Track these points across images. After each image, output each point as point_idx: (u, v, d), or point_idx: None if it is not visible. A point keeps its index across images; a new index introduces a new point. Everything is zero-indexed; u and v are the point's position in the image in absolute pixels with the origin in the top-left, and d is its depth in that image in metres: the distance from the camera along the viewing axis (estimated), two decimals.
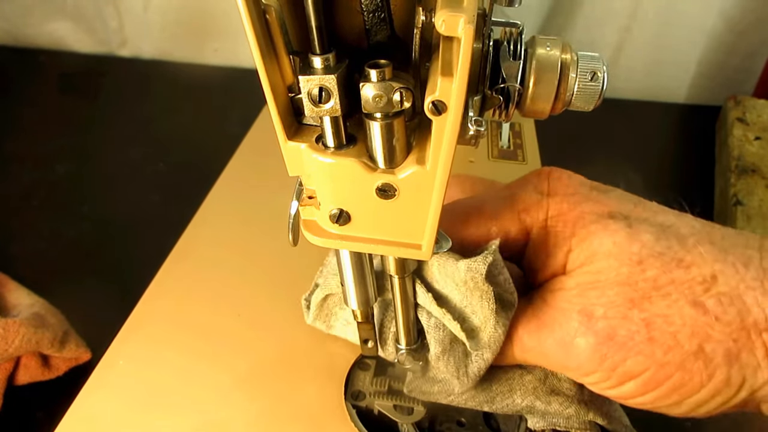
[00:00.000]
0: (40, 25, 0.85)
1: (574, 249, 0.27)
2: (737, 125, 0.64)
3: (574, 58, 0.23)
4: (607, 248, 0.26)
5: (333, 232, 0.25)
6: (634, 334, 0.24)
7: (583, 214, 0.27)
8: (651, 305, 0.24)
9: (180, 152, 0.66)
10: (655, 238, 0.25)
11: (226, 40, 0.84)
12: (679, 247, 0.25)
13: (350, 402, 0.34)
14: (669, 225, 0.26)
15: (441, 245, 0.26)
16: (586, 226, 0.27)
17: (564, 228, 0.28)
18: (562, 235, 0.27)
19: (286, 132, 0.22)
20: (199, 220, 0.47)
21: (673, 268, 0.24)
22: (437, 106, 0.19)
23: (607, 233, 0.26)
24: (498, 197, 0.30)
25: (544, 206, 0.29)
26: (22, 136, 0.70)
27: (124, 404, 0.34)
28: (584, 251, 0.26)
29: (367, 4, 0.21)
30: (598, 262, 0.26)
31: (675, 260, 0.25)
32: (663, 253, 0.25)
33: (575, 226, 0.27)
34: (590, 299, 0.25)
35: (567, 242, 0.27)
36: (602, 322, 0.25)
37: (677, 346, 0.24)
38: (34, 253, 0.53)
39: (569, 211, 0.28)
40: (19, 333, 0.37)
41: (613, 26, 0.76)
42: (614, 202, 0.28)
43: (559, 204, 0.28)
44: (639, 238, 0.25)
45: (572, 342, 0.26)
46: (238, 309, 0.40)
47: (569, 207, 0.28)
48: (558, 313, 0.27)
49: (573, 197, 0.28)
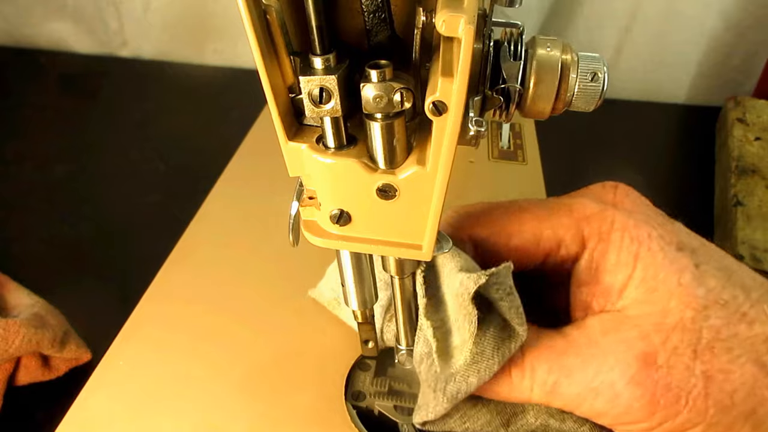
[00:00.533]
0: (40, 26, 0.85)
1: (636, 275, 0.24)
2: (737, 126, 0.64)
3: (575, 58, 0.23)
4: (672, 287, 0.24)
5: (333, 233, 0.25)
6: (692, 387, 0.22)
7: (651, 236, 0.25)
8: (713, 357, 0.23)
9: (180, 153, 0.66)
10: (722, 285, 0.23)
11: (227, 40, 0.84)
12: (744, 299, 0.23)
13: (350, 402, 0.34)
14: (733, 271, 0.24)
15: (441, 246, 0.26)
16: (653, 253, 0.24)
17: (630, 244, 0.25)
18: (626, 253, 0.25)
19: (287, 132, 0.22)
20: (199, 220, 0.47)
21: (737, 321, 0.23)
22: (438, 106, 0.19)
23: (673, 268, 0.24)
24: (554, 201, 0.28)
25: (608, 217, 0.26)
26: (22, 137, 0.70)
27: (124, 405, 0.34)
28: (648, 282, 0.24)
29: (367, 5, 0.21)
30: (662, 301, 0.24)
31: (739, 313, 0.23)
32: (728, 303, 0.23)
33: (641, 246, 0.25)
34: (653, 344, 0.23)
35: (631, 262, 0.25)
36: (663, 371, 0.23)
37: (731, 405, 0.22)
38: (34, 253, 0.53)
39: (635, 227, 0.25)
40: (20, 333, 0.37)
41: (613, 27, 0.76)
42: (682, 232, 0.26)
43: (626, 219, 0.26)
44: (705, 282, 0.23)
45: (624, 388, 0.23)
46: (238, 309, 0.40)
47: (635, 224, 0.25)
48: (610, 355, 0.24)
49: (640, 215, 0.26)
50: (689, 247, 0.25)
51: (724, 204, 0.56)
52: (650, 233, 0.25)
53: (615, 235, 0.25)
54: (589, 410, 0.25)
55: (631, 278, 0.24)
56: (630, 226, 0.25)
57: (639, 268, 0.24)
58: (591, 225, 0.26)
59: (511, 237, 0.27)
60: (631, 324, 0.24)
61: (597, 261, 0.26)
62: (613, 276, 0.25)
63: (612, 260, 0.25)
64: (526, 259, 0.28)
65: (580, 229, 0.26)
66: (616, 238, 0.25)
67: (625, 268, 0.25)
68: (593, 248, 0.26)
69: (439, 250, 0.26)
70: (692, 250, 0.25)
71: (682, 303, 0.23)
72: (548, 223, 0.27)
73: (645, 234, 0.25)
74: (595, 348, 0.24)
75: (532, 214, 0.27)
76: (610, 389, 0.23)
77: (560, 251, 0.27)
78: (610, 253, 0.25)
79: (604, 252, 0.25)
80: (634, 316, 0.24)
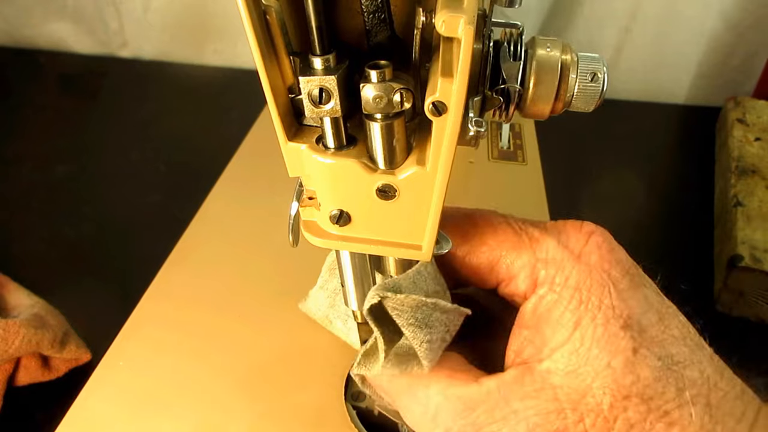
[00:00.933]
0: (41, 26, 0.85)
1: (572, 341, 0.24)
2: (737, 126, 0.64)
3: (575, 59, 0.23)
4: (600, 367, 0.23)
5: (333, 233, 0.25)
6: None
7: (601, 306, 0.24)
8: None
9: (180, 153, 0.66)
10: (655, 378, 0.23)
11: (227, 40, 0.84)
12: (672, 397, 0.22)
13: (350, 403, 0.34)
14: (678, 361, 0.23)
15: (441, 246, 0.26)
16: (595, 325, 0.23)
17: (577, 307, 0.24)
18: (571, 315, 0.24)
19: (287, 133, 0.22)
20: (199, 220, 0.47)
21: (654, 420, 0.22)
22: (437, 106, 0.19)
23: (609, 349, 0.23)
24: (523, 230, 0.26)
25: (566, 270, 0.25)
26: (22, 137, 0.70)
27: (124, 405, 0.34)
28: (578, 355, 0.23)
29: (367, 5, 0.21)
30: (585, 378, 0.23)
31: (661, 411, 0.22)
32: (652, 399, 0.22)
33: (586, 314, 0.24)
34: (566, 422, 0.23)
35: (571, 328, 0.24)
36: None
37: None
38: (34, 253, 0.53)
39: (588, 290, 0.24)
40: (19, 334, 0.37)
41: (613, 27, 0.76)
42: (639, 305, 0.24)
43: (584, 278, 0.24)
44: (637, 372, 0.23)
45: None
46: (238, 310, 0.40)
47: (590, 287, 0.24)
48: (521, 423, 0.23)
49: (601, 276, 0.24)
50: (638, 327, 0.24)
51: (724, 204, 0.56)
52: (602, 301, 0.24)
53: (565, 292, 0.24)
54: None
55: (567, 342, 0.24)
56: (583, 287, 0.24)
57: (576, 337, 0.24)
58: (548, 271, 0.25)
59: (468, 253, 0.27)
60: (551, 395, 0.23)
61: (542, 310, 0.25)
62: (552, 333, 0.24)
63: (555, 316, 0.24)
64: (479, 280, 0.27)
65: (537, 270, 0.25)
66: (565, 295, 0.24)
67: (564, 330, 0.24)
68: (542, 296, 0.25)
69: (438, 250, 0.26)
70: (640, 331, 0.24)
71: (605, 387, 0.23)
72: (507, 252, 0.26)
73: (596, 301, 0.24)
74: (507, 409, 0.24)
75: (495, 238, 0.26)
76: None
77: (510, 285, 0.26)
78: (555, 308, 0.24)
79: (551, 304, 0.25)
80: (556, 386, 0.23)
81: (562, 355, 0.24)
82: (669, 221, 0.61)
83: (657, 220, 0.61)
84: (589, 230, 0.26)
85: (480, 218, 0.27)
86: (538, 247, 0.26)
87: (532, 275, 0.25)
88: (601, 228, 0.26)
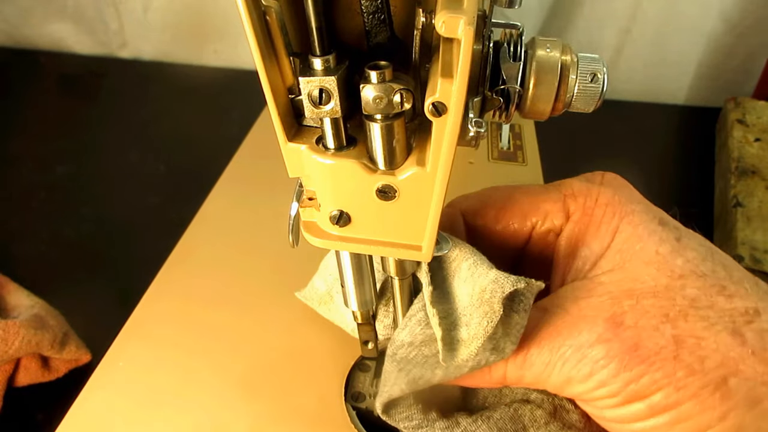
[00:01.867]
0: (41, 27, 0.85)
1: (613, 245, 0.25)
2: (737, 127, 0.64)
3: (574, 59, 0.23)
4: (649, 256, 0.24)
5: (333, 234, 0.25)
6: (661, 349, 0.22)
7: (634, 212, 0.25)
8: (686, 323, 0.22)
9: (180, 153, 0.66)
10: (702, 258, 0.24)
11: (227, 41, 0.84)
12: (724, 274, 0.23)
13: (350, 403, 0.34)
14: (716, 251, 0.24)
15: (441, 246, 0.26)
16: (634, 225, 0.25)
17: (611, 218, 0.25)
18: (606, 225, 0.25)
19: (287, 133, 0.22)
20: (199, 221, 0.47)
21: (715, 294, 0.23)
22: (437, 107, 0.19)
23: (653, 239, 0.24)
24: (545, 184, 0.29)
25: (593, 193, 0.27)
26: (22, 138, 0.70)
27: (124, 406, 0.34)
28: (624, 252, 0.24)
29: (367, 6, 0.21)
30: (636, 268, 0.24)
31: (718, 286, 0.23)
32: (707, 275, 0.23)
33: (622, 220, 0.25)
34: (622, 307, 0.23)
35: (610, 234, 0.25)
36: (630, 331, 0.23)
37: (701, 371, 0.21)
38: (34, 254, 0.53)
39: (620, 204, 0.26)
40: (19, 334, 0.37)
41: (612, 28, 0.76)
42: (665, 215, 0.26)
43: (611, 195, 0.26)
44: (685, 254, 0.24)
45: (591, 348, 0.23)
46: (238, 311, 0.40)
47: (620, 200, 0.26)
48: (580, 321, 0.24)
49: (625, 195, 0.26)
50: (672, 224, 0.25)
51: (724, 205, 0.56)
52: (633, 209, 0.25)
53: (598, 210, 0.26)
54: (556, 379, 0.24)
55: (609, 248, 0.25)
56: (614, 202, 0.26)
57: (617, 240, 0.25)
58: (577, 200, 0.27)
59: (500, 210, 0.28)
60: (603, 290, 0.24)
61: (578, 233, 0.26)
62: (590, 247, 0.26)
63: (592, 233, 0.26)
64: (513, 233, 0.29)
65: (566, 203, 0.27)
66: (599, 213, 0.26)
67: (603, 239, 0.25)
68: (576, 221, 0.27)
69: (438, 251, 0.26)
70: (675, 227, 0.25)
71: (658, 271, 0.23)
72: (536, 197, 0.28)
73: (628, 209, 0.25)
74: (566, 316, 0.24)
75: (522, 191, 0.28)
76: (577, 353, 0.23)
77: (545, 223, 0.28)
78: (591, 225, 0.26)
79: (586, 225, 0.26)
80: (606, 283, 0.24)
81: (606, 260, 0.25)
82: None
83: None
84: (601, 172, 0.29)
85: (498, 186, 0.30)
86: (563, 187, 0.28)
87: (564, 209, 0.27)
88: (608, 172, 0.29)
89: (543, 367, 0.24)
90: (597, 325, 0.23)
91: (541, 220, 0.28)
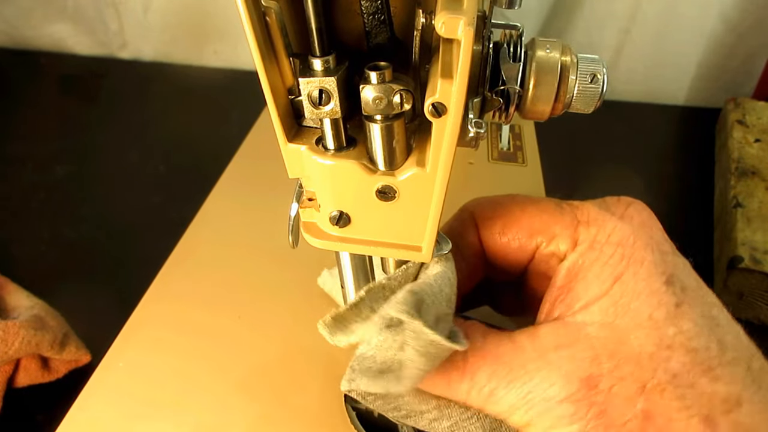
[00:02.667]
0: (41, 27, 0.85)
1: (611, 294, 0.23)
2: (737, 127, 0.64)
3: (574, 60, 0.23)
4: (642, 318, 0.22)
5: (333, 234, 0.25)
6: (627, 421, 0.21)
7: (643, 261, 0.23)
8: (661, 399, 0.21)
9: (180, 154, 0.66)
10: (697, 332, 0.22)
11: (226, 42, 0.84)
12: (716, 353, 0.22)
13: (350, 404, 0.34)
14: (719, 324, 0.23)
15: (441, 247, 0.26)
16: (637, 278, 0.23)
17: (618, 262, 0.23)
18: (611, 269, 0.23)
19: (286, 134, 0.22)
20: (199, 222, 0.47)
21: (700, 373, 0.21)
22: (437, 108, 0.19)
23: (651, 301, 0.23)
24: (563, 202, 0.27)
25: (608, 228, 0.25)
26: (22, 138, 0.70)
27: (124, 406, 0.34)
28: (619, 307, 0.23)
29: (366, 7, 0.21)
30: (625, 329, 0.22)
31: (706, 365, 0.21)
32: (697, 351, 0.22)
33: (628, 268, 0.23)
34: (601, 369, 0.22)
35: (611, 280, 0.23)
36: (603, 396, 0.22)
37: None
38: (33, 255, 0.53)
39: (631, 247, 0.24)
40: (19, 335, 0.37)
41: (612, 28, 0.76)
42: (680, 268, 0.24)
43: (627, 234, 0.24)
44: (679, 324, 0.22)
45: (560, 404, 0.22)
46: (238, 311, 0.40)
47: (633, 243, 0.24)
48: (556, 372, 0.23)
49: (642, 237, 0.24)
50: (680, 285, 0.23)
51: (724, 205, 0.56)
52: (644, 258, 0.23)
53: (607, 248, 0.24)
54: (517, 420, 0.24)
55: (605, 296, 0.23)
56: (627, 244, 0.24)
57: (616, 290, 0.23)
58: (589, 229, 0.25)
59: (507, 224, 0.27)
60: (587, 345, 0.23)
61: (580, 267, 0.25)
62: (588, 287, 0.24)
63: (594, 271, 0.24)
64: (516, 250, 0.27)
65: (577, 230, 0.25)
66: (607, 251, 0.24)
67: (603, 283, 0.24)
68: (582, 253, 0.25)
69: (438, 251, 0.26)
70: (682, 288, 0.23)
71: (647, 337, 0.22)
72: (548, 216, 0.26)
73: (639, 257, 0.23)
74: (542, 361, 0.23)
75: (536, 206, 0.27)
76: (545, 403, 0.22)
77: (550, 246, 0.26)
78: (596, 263, 0.24)
79: (591, 260, 0.24)
80: (592, 337, 0.23)
81: (599, 308, 0.23)
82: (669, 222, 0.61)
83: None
84: (628, 201, 0.27)
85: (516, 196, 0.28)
86: (579, 211, 0.26)
87: (573, 235, 0.25)
88: (641, 201, 0.27)
89: (507, 407, 0.24)
90: (571, 383, 0.22)
91: (546, 241, 0.26)
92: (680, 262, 0.24)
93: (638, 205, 0.26)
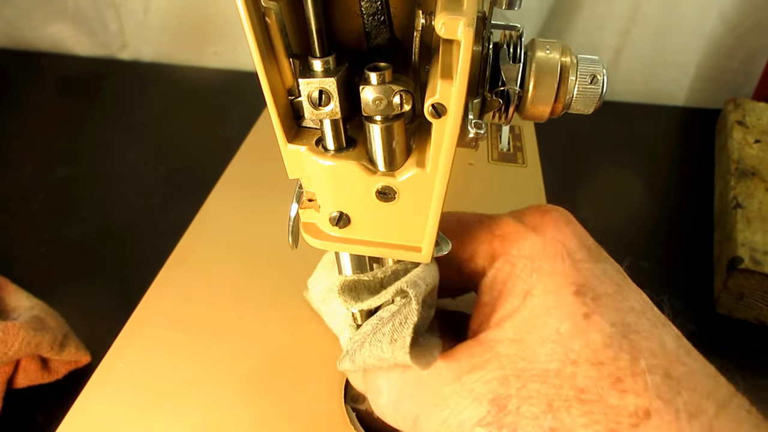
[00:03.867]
0: (41, 28, 0.85)
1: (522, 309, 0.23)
2: (737, 128, 0.64)
3: (574, 61, 0.23)
4: (549, 333, 0.22)
5: (333, 235, 0.25)
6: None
7: (552, 273, 0.23)
8: (568, 416, 0.21)
9: (180, 155, 0.66)
10: (606, 344, 0.21)
11: (226, 43, 0.84)
12: (627, 364, 0.21)
13: (350, 405, 0.34)
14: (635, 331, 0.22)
15: (441, 247, 0.26)
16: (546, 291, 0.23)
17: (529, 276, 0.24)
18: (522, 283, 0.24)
19: (286, 135, 0.22)
20: (198, 222, 0.47)
21: (607, 387, 0.21)
22: (437, 108, 0.19)
23: (558, 314, 0.22)
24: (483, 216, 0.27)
25: (521, 241, 0.25)
26: (22, 139, 0.70)
27: (124, 407, 0.34)
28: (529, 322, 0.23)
29: (366, 8, 0.21)
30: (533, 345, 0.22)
31: (614, 377, 0.21)
32: (604, 364, 0.21)
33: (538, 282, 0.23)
34: (509, 389, 0.22)
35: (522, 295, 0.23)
36: (511, 417, 0.21)
37: None
38: (33, 255, 0.53)
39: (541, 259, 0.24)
40: (19, 336, 0.37)
41: (612, 29, 0.76)
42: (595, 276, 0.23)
43: (537, 247, 0.24)
44: (586, 336, 0.22)
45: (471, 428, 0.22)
46: (237, 311, 0.40)
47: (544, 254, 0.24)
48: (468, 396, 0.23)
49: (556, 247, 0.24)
50: (592, 294, 0.23)
51: (724, 206, 0.56)
52: (554, 269, 0.23)
53: (520, 262, 0.24)
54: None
55: (516, 312, 0.23)
56: (536, 256, 0.24)
57: (527, 305, 0.23)
58: (504, 244, 0.25)
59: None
60: (497, 365, 0.23)
61: (498, 282, 0.25)
62: (504, 304, 0.24)
63: (509, 287, 0.24)
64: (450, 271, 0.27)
65: (494, 245, 0.25)
66: (519, 265, 0.24)
67: (515, 299, 0.24)
68: (499, 268, 0.25)
69: (438, 251, 0.26)
70: (594, 298, 0.23)
71: (552, 352, 0.22)
72: (467, 234, 0.26)
73: (548, 269, 0.23)
74: (457, 384, 0.23)
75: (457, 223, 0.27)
76: (460, 428, 0.23)
77: (471, 263, 0.26)
78: (510, 277, 0.24)
79: (507, 274, 0.24)
80: (502, 355, 0.23)
81: (511, 324, 0.23)
82: (669, 223, 0.61)
83: (657, 222, 0.61)
84: (546, 209, 0.26)
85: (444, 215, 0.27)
86: (496, 225, 0.26)
87: (489, 250, 0.26)
88: (561, 208, 0.26)
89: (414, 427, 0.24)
90: (482, 405, 0.22)
91: (468, 260, 0.26)
92: (597, 269, 0.24)
93: (555, 212, 0.26)
